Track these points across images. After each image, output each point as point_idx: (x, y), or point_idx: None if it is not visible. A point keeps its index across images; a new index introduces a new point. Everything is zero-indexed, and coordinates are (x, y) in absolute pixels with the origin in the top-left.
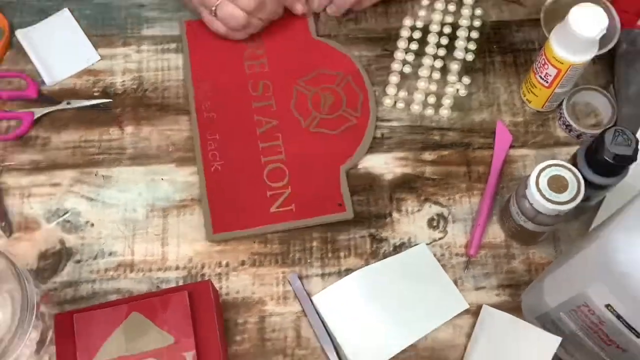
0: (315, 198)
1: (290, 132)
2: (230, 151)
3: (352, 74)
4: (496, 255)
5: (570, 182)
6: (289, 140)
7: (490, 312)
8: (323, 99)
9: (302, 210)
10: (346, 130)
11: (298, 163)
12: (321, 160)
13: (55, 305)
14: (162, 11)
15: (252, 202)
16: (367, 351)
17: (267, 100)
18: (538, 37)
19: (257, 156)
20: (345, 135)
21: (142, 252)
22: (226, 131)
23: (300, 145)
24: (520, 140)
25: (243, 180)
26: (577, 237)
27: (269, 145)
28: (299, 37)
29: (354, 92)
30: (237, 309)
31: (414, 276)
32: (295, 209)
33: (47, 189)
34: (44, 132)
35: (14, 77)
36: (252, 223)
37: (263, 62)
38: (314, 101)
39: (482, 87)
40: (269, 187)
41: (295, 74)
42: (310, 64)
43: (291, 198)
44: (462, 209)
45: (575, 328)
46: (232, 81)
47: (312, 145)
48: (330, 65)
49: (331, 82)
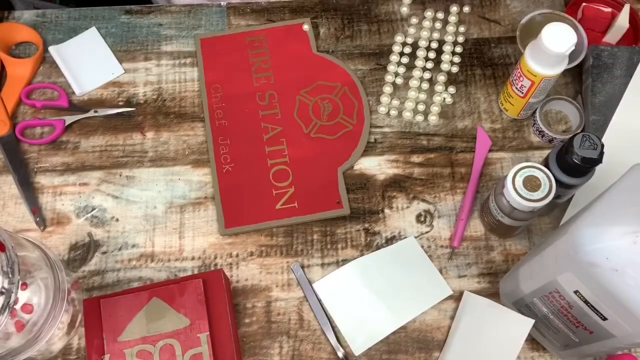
0: (316, 196)
1: (294, 137)
2: (240, 154)
3: (349, 85)
4: (477, 247)
5: (542, 181)
6: (292, 144)
7: (471, 297)
8: (323, 108)
9: (304, 207)
10: (343, 135)
11: (300, 165)
12: (321, 162)
13: (84, 292)
14: (179, 30)
15: (260, 199)
16: (362, 332)
17: (273, 109)
18: (514, 53)
19: (264, 159)
20: (343, 140)
21: (162, 245)
22: (236, 137)
23: (303, 149)
24: (498, 145)
25: (251, 180)
26: (548, 230)
27: (275, 150)
28: (301, 53)
29: (350, 102)
30: (246, 295)
31: (404, 266)
32: (298, 206)
33: (76, 188)
34: (74, 137)
35: (47, 88)
36: (259, 218)
37: (269, 75)
38: (314, 109)
39: (465, 97)
40: (275, 186)
41: (298, 85)
42: (311, 77)
43: (294, 196)
44: (446, 206)
45: (547, 312)
46: (242, 92)
47: (313, 149)
48: (329, 77)
49: (330, 93)
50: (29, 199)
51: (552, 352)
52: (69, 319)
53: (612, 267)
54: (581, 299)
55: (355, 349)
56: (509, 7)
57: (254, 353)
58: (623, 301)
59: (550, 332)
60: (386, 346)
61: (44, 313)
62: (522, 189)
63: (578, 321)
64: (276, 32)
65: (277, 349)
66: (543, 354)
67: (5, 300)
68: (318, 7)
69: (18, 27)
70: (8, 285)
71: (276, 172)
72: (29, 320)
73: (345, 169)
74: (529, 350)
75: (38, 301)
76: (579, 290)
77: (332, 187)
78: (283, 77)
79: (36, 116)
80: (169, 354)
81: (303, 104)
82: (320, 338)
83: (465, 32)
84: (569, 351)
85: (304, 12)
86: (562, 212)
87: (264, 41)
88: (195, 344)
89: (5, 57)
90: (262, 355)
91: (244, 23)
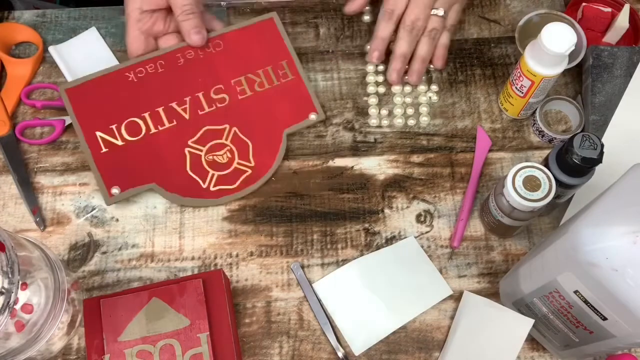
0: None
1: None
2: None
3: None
4: (477, 247)
5: (542, 181)
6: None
7: (471, 297)
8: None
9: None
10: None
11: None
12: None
13: (84, 292)
14: None
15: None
16: (362, 332)
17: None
18: (514, 52)
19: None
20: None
21: (162, 245)
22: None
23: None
24: (498, 145)
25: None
26: (548, 230)
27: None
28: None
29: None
30: (246, 295)
31: (404, 266)
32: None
33: (76, 188)
34: (74, 137)
35: (47, 88)
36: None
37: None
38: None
39: (465, 97)
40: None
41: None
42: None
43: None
44: (446, 206)
45: (547, 311)
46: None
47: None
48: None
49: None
50: (29, 199)
51: (552, 352)
52: (68, 319)
53: (612, 267)
54: (581, 299)
55: (355, 349)
56: (509, 7)
57: (254, 353)
58: (623, 301)
59: (550, 332)
60: (386, 346)
61: (44, 313)
62: (522, 189)
63: (578, 321)
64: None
65: (277, 349)
66: (543, 354)
67: (5, 300)
68: (318, 7)
69: (18, 27)
70: (8, 285)
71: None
72: (29, 320)
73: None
74: (529, 350)
75: (38, 301)
76: (579, 290)
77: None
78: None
79: (36, 116)
80: (169, 354)
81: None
82: (320, 338)
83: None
84: (569, 351)
85: (303, 12)
86: (562, 212)
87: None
88: (195, 344)
89: (5, 57)
90: (262, 355)
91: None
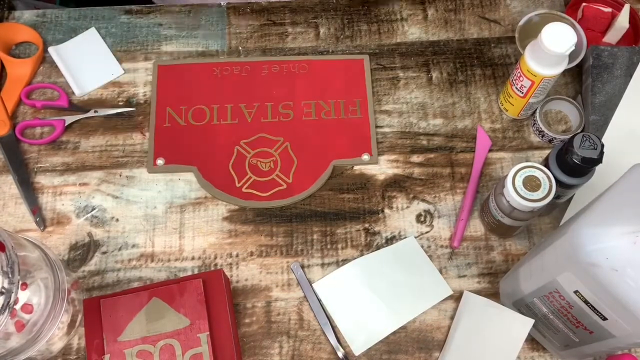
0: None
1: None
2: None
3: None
4: (477, 247)
5: (542, 181)
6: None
7: (471, 297)
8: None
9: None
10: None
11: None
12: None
13: (84, 292)
14: (179, 30)
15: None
16: (362, 332)
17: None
18: (514, 53)
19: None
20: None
21: (162, 245)
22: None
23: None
24: (498, 145)
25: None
26: (548, 230)
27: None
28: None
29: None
30: (246, 295)
31: (404, 266)
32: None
33: (76, 188)
34: (74, 137)
35: (47, 88)
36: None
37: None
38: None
39: (465, 97)
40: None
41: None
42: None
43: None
44: (446, 206)
45: (547, 311)
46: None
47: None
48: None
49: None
50: (29, 199)
51: (552, 352)
52: (68, 319)
53: (612, 267)
54: (581, 299)
55: (355, 349)
56: (509, 7)
57: (254, 353)
58: (623, 301)
59: (550, 332)
60: (386, 346)
61: (44, 313)
62: (522, 189)
63: (578, 321)
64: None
65: (277, 349)
66: (543, 354)
67: (5, 300)
68: (318, 7)
69: (18, 27)
70: (8, 285)
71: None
72: (29, 320)
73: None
74: (529, 350)
75: (38, 301)
76: (579, 290)
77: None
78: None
79: (36, 116)
80: (169, 354)
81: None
82: (320, 338)
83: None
84: (569, 351)
85: (303, 12)
86: (562, 212)
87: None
88: (195, 344)
89: (5, 57)
90: (262, 355)
91: (244, 23)
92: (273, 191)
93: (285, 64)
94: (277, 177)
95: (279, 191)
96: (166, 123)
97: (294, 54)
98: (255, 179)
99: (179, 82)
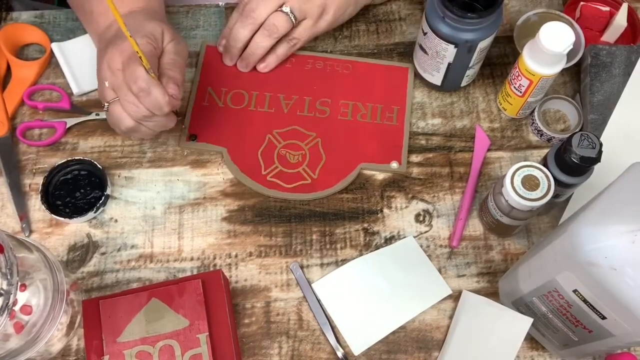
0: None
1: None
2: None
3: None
4: (476, 247)
5: (541, 181)
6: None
7: (470, 296)
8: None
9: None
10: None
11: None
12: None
13: (83, 293)
14: (177, 30)
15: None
16: (361, 332)
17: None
18: (512, 52)
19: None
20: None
21: (161, 245)
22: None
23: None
24: (497, 144)
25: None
26: (547, 230)
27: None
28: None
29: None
30: (245, 295)
31: (403, 265)
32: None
33: None
34: (73, 138)
35: (48, 89)
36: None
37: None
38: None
39: (463, 97)
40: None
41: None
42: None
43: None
44: (445, 206)
45: (546, 310)
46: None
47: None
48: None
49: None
50: (18, 204)
51: (551, 351)
52: (68, 320)
53: (611, 266)
54: (580, 298)
55: (355, 349)
56: (507, 7)
57: (254, 353)
58: (622, 300)
59: (549, 331)
60: (385, 346)
61: (43, 314)
62: (520, 189)
63: (577, 320)
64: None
65: (277, 349)
66: (542, 353)
67: (4, 302)
68: None
69: (27, 28)
70: (7, 286)
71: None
72: (28, 321)
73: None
74: (528, 350)
75: (37, 302)
76: (578, 289)
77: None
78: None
79: (37, 117)
80: (168, 354)
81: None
82: (320, 338)
83: None
84: (568, 350)
85: None
86: (560, 211)
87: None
88: (194, 345)
89: (12, 59)
90: (262, 355)
91: None
92: (297, 184)
93: (330, 61)
94: (303, 171)
95: (302, 185)
96: (205, 102)
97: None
98: (282, 169)
99: (223, 64)
